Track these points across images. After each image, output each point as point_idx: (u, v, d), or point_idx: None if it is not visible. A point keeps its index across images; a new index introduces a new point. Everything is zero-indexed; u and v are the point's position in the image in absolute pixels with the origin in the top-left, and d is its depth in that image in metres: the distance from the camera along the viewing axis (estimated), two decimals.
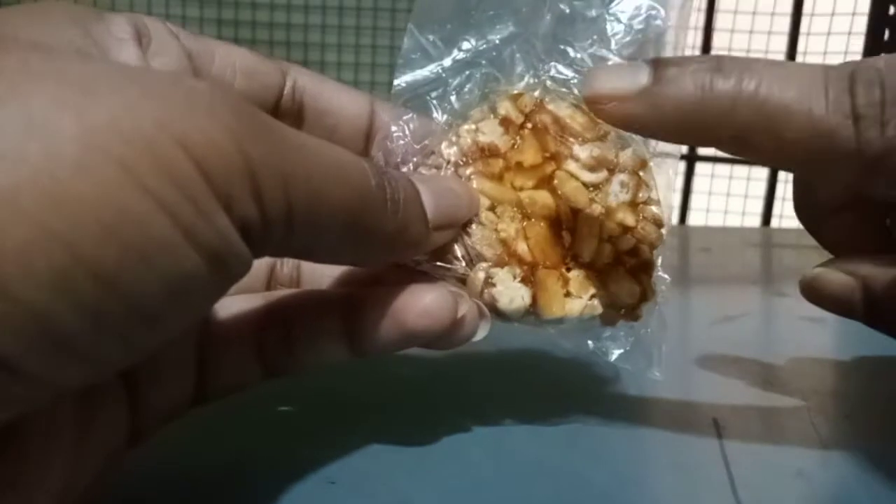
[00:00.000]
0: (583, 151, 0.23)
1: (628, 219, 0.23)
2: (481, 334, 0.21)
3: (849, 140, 0.17)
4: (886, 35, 0.93)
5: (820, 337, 0.37)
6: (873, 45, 0.96)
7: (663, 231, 0.23)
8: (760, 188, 1.42)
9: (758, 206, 1.41)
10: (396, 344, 0.20)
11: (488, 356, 0.29)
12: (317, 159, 0.16)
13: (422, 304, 0.19)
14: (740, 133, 0.18)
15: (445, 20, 0.23)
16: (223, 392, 0.20)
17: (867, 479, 0.21)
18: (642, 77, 0.18)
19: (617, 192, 0.23)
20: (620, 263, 0.22)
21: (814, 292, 0.24)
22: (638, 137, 0.23)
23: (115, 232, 0.12)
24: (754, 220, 1.41)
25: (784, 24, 1.17)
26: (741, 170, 1.45)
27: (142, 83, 0.13)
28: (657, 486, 0.21)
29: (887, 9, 0.93)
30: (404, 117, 0.23)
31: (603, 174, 0.23)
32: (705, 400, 0.27)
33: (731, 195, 1.43)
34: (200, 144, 0.13)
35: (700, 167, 1.32)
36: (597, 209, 0.22)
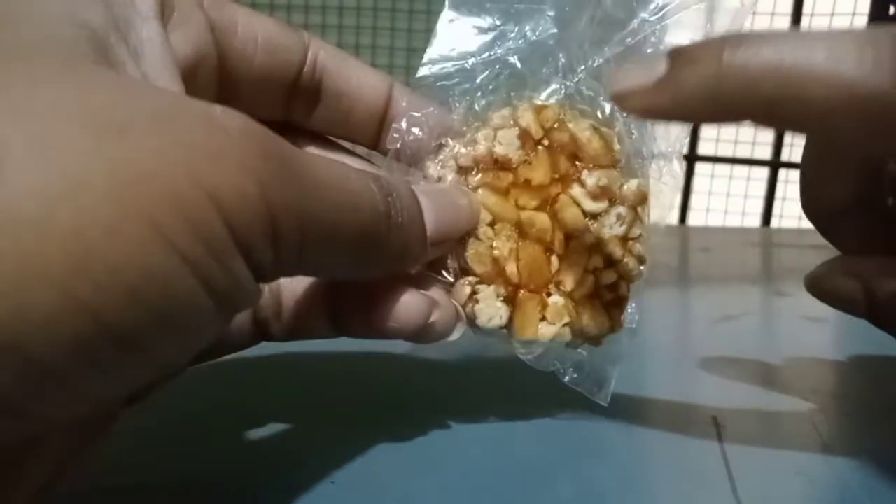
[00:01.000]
0: (590, 178, 0.22)
1: (616, 252, 0.23)
2: (456, 335, 0.21)
3: (891, 103, 0.15)
4: None
5: (820, 337, 0.37)
6: None
7: (643, 269, 0.23)
8: (760, 188, 1.42)
9: (758, 206, 1.41)
10: (371, 337, 0.21)
11: (488, 356, 0.29)
12: (334, 196, 0.16)
13: (392, 309, 0.20)
14: (767, 106, 0.17)
15: (484, 3, 0.22)
16: (221, 353, 0.21)
17: (867, 479, 0.21)
18: (660, 66, 0.18)
19: (612, 225, 0.23)
20: (598, 296, 0.23)
21: (819, 290, 0.24)
22: (647, 170, 0.23)
23: (140, 294, 0.12)
24: (754, 220, 1.41)
25: (784, 24, 1.18)
26: (741, 170, 1.45)
27: (175, 127, 0.13)
28: (657, 486, 0.21)
29: (887, 9, 0.93)
30: (424, 111, 0.22)
31: (604, 204, 0.22)
32: (705, 399, 0.27)
33: (731, 195, 1.44)
34: (230, 198, 0.13)
35: (700, 167, 1.33)
36: (589, 239, 0.22)
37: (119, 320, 0.12)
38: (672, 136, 0.23)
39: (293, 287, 0.21)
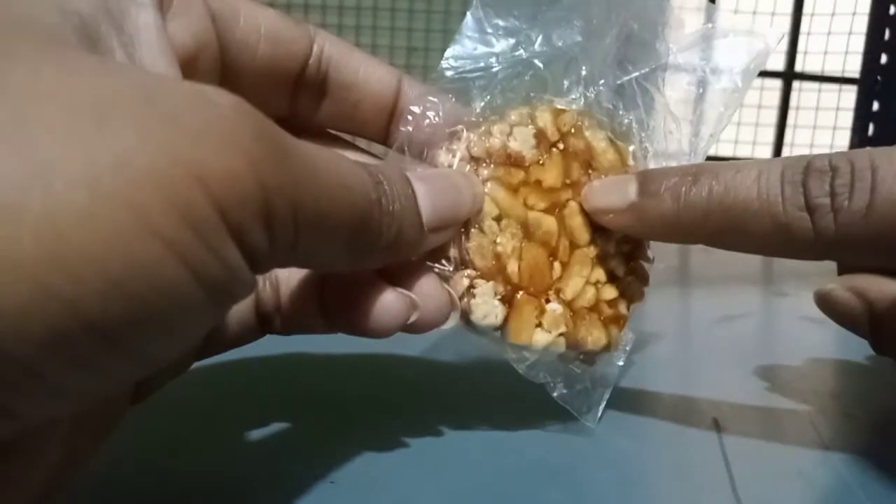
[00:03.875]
0: None
1: (619, 269, 0.23)
2: (450, 325, 0.21)
3: (806, 231, 0.19)
4: (887, 35, 0.93)
5: (820, 337, 0.37)
6: (873, 45, 0.96)
7: (645, 290, 0.23)
8: None
9: None
10: (357, 335, 0.20)
11: (488, 357, 0.29)
12: (327, 181, 0.15)
13: (372, 310, 0.19)
14: (715, 236, 0.21)
15: (513, 7, 0.22)
16: (226, 347, 0.21)
17: (867, 479, 0.21)
18: (631, 192, 0.21)
19: (618, 241, 0.23)
20: (597, 311, 0.22)
21: (826, 306, 0.26)
22: None
23: (120, 285, 0.11)
24: None
25: (784, 24, 1.18)
26: None
27: (159, 106, 0.12)
28: (657, 486, 0.21)
29: (887, 9, 0.93)
30: (440, 97, 0.22)
31: None
32: (705, 400, 0.27)
33: None
34: (218, 177, 0.12)
35: None
36: (593, 251, 0.22)
37: (99, 314, 0.11)
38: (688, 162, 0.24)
39: (290, 282, 0.21)
